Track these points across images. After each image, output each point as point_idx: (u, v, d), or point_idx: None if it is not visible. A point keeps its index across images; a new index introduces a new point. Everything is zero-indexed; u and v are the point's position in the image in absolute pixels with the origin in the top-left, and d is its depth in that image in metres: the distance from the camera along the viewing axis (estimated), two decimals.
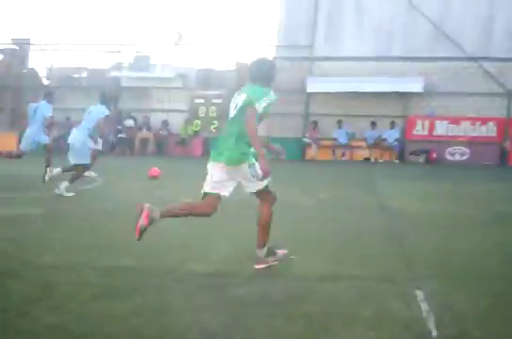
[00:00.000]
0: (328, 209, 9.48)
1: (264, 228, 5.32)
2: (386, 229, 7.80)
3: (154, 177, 13.21)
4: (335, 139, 22.91)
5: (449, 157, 22.43)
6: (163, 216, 5.27)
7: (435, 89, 22.24)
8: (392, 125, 22.70)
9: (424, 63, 22.24)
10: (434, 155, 21.91)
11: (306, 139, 23.02)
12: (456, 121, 22.48)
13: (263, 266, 5.35)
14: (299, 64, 23.45)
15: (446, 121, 22.30)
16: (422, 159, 22.04)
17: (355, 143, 22.95)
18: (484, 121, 22.13)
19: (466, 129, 22.45)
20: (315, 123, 23.19)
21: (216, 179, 5.22)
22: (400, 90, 22.28)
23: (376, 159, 22.55)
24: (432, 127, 22.49)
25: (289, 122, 23.14)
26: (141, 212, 5.22)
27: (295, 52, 23.63)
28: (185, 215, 5.41)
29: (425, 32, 22.59)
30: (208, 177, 5.28)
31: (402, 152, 22.62)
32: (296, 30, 23.83)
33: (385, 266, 5.62)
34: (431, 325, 3.95)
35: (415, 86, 22.38)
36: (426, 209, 9.61)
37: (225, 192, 5.24)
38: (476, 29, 22.25)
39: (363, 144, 22.89)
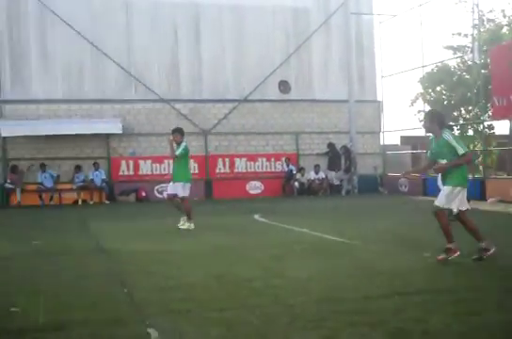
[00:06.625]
0: (44, 255, 9.14)
1: None
2: (106, 271, 7.75)
3: None
4: (40, 184, 22.14)
5: (158, 195, 22.86)
6: None
7: (132, 130, 22.18)
8: (97, 167, 23.03)
9: (118, 105, 23.90)
10: (143, 194, 22.90)
11: (8, 185, 22.11)
12: (159, 160, 23.03)
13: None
14: None
15: (150, 161, 23.51)
16: (132, 198, 22.86)
17: (62, 186, 22.79)
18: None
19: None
20: (16, 168, 22.20)
21: None
22: (99, 132, 22.96)
23: (85, 201, 22.15)
24: (137, 167, 23.65)
25: None
26: None
27: None
28: None
29: (115, 75, 23.99)
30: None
31: (111, 192, 23.20)
32: None
33: (112, 308, 5.52)
34: None
35: (113, 127, 23.10)
36: (145, 247, 9.75)
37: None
38: (163, 73, 24.44)
39: (71, 187, 22.83)
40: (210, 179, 24.33)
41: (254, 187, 24.40)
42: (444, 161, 7.60)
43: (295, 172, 24.36)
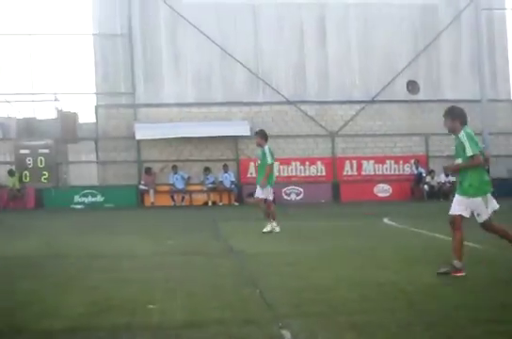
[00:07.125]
0: (178, 255, 9.41)
1: None
2: (238, 271, 7.90)
3: None
4: (172, 185, 22.38)
5: (286, 197, 23.52)
6: None
7: None
8: (226, 169, 23.65)
9: (246, 107, 24.30)
10: None
11: (142, 186, 22.42)
12: (287, 162, 23.62)
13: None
14: (124, 111, 23.11)
15: (277, 163, 21.07)
16: None
17: (192, 188, 23.56)
18: (312, 161, 24.28)
19: (297, 169, 24.40)
20: (149, 169, 22.36)
21: None
22: (228, 134, 23.49)
23: (215, 203, 23.13)
24: None
25: (122, 170, 22.87)
26: None
27: (116, 99, 23.19)
28: None
29: (243, 78, 24.51)
30: None
31: (240, 194, 23.53)
32: (114, 77, 23.18)
33: (246, 308, 5.55)
34: None
35: (242, 129, 23.38)
36: (273, 248, 9.98)
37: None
38: (289, 75, 24.73)
39: (201, 188, 23.49)
40: (337, 181, 24.30)
41: (382, 190, 24.14)
42: (459, 161, 7.15)
43: (424, 175, 23.86)
